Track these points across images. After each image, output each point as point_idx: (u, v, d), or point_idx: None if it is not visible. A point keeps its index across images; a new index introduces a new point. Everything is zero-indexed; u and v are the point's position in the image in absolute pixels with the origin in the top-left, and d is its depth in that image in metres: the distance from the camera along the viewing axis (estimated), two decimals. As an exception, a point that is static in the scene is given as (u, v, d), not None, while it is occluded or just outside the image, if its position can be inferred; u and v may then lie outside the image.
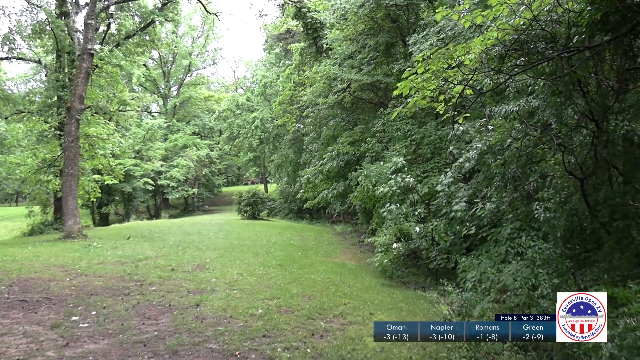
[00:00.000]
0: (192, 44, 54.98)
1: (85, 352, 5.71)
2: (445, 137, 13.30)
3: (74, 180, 16.93)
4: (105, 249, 13.87)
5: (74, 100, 17.24)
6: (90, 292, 8.70)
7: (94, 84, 20.46)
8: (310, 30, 25.44)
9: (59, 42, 21.23)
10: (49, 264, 11.22)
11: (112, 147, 24.08)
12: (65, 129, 17.61)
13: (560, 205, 6.57)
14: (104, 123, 23.18)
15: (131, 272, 10.64)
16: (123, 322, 6.96)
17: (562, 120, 6.44)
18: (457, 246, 10.98)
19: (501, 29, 5.66)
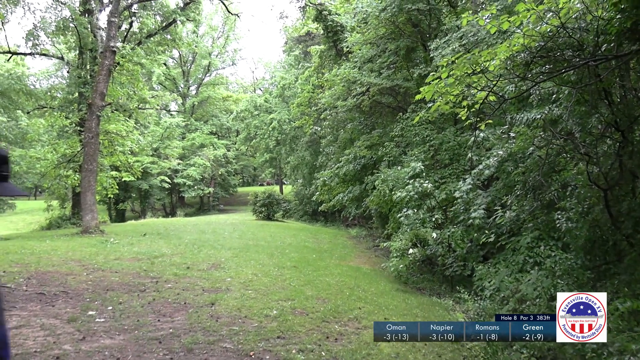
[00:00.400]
0: (212, 44, 55.33)
1: (102, 346, 5.74)
2: (465, 143, 13.21)
3: (93, 176, 17.08)
4: (121, 245, 13.97)
5: (95, 97, 17.41)
6: (106, 287, 8.76)
7: (115, 82, 20.65)
8: (330, 33, 25.44)
9: (82, 39, 21.50)
10: (67, 258, 11.32)
11: (131, 144, 24.27)
12: (86, 125, 17.78)
13: (583, 216, 6.48)
14: (124, 120, 23.38)
15: (147, 268, 10.70)
16: (139, 318, 6.99)
17: (587, 129, 6.36)
18: (474, 254, 10.87)
19: (527, 35, 5.59)
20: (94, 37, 20.54)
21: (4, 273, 9.27)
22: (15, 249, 12.06)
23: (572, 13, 5.48)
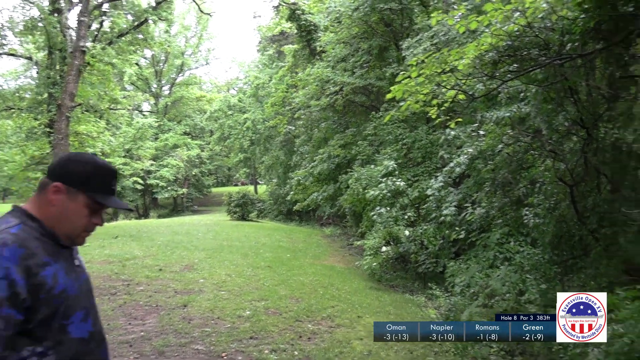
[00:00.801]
0: (185, 44, 54.82)
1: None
2: (436, 141, 13.34)
3: (63, 177, 16.79)
4: (92, 248, 13.75)
5: (65, 98, 17.13)
6: (76, 290, 8.61)
7: (85, 82, 20.31)
8: (304, 32, 25.44)
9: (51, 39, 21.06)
10: (35, 261, 11.09)
11: (102, 145, 23.92)
12: (55, 126, 17.48)
13: (550, 212, 6.61)
14: (95, 121, 23.02)
15: (118, 271, 10.56)
16: (109, 322, 6.90)
17: (553, 127, 6.49)
18: (446, 250, 11.01)
19: (495, 34, 5.68)
20: (63, 36, 20.16)
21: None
22: (-19, 253, 11.78)
23: (538, 13, 5.59)
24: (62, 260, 1.73)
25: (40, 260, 1.61)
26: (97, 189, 1.77)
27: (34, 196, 1.80)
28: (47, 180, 1.76)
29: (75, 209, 1.75)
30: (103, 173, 1.79)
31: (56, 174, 1.76)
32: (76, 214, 1.76)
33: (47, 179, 1.76)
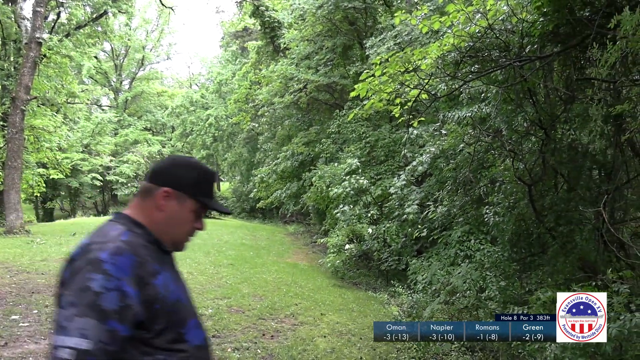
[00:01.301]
0: (146, 38, 53.78)
1: (25, 352, 5.48)
2: (399, 140, 13.48)
3: (17, 173, 16.29)
4: (49, 245, 13.40)
5: (19, 90, 16.57)
6: (31, 290, 8.37)
7: (42, 74, 19.65)
8: (267, 29, 25.29)
9: (5, 29, 20.35)
10: (-12, 259, 10.74)
11: (59, 140, 23.23)
12: (9, 120, 16.90)
13: (509, 210, 6.75)
14: (51, 115, 22.30)
15: (76, 269, 10.29)
16: (66, 321, 6.72)
17: (513, 127, 6.63)
18: (408, 248, 11.14)
19: (457, 35, 5.77)
20: (18, 27, 19.51)
21: None
22: None
23: (499, 15, 5.70)
24: (168, 268, 1.70)
25: (151, 268, 1.56)
26: (205, 194, 1.76)
27: (137, 202, 1.76)
28: (152, 185, 1.71)
29: (183, 214, 1.73)
30: (208, 177, 1.79)
31: (163, 179, 1.71)
32: (184, 219, 1.74)
33: (151, 184, 1.71)
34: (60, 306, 1.49)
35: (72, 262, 1.56)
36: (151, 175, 1.74)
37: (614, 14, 4.06)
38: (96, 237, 1.61)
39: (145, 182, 1.74)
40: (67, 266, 1.57)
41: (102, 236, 1.59)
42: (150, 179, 1.73)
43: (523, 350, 4.73)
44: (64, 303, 1.48)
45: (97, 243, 1.55)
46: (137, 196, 1.76)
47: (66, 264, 1.58)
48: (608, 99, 4.94)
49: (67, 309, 1.45)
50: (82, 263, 1.51)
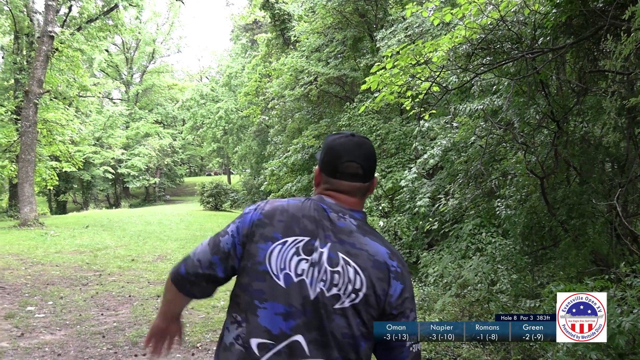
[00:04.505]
0: (157, 31, 53.91)
1: (41, 342, 5.57)
2: (410, 133, 13.42)
3: (31, 166, 16.45)
4: (62, 238, 13.54)
5: (32, 84, 16.72)
6: (46, 282, 8.49)
7: (54, 68, 19.79)
8: (277, 21, 25.23)
9: (17, 23, 20.52)
10: (4, 252, 10.88)
11: (72, 133, 23.40)
12: (23, 114, 17.07)
13: (521, 203, 6.73)
14: (64, 108, 22.48)
15: (90, 261, 10.42)
16: (81, 312, 6.82)
17: (525, 119, 6.59)
18: (419, 241, 11.12)
19: (469, 27, 5.73)
20: (30, 21, 19.65)
21: None
22: (-54, 244, 11.50)
23: (511, 6, 5.65)
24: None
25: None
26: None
27: (360, 197, 1.74)
28: None
29: None
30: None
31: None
32: None
33: None
34: (411, 310, 1.62)
35: (399, 272, 1.61)
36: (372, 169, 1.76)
37: (629, 4, 4.01)
38: (386, 242, 1.67)
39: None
40: (392, 275, 1.59)
41: (386, 241, 1.68)
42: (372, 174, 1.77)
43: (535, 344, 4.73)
44: (411, 309, 1.63)
45: (394, 251, 1.65)
46: (359, 192, 1.74)
47: (390, 273, 1.59)
48: (622, 91, 4.89)
49: (414, 312, 1.64)
50: (406, 272, 1.64)
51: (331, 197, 1.67)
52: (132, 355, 5.36)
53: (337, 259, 1.54)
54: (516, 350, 5.69)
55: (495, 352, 6.08)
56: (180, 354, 5.44)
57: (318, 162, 1.77)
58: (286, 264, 1.54)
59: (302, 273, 1.53)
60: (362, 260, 1.55)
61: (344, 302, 1.51)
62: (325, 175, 1.71)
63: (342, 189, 1.68)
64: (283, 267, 1.54)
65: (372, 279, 1.53)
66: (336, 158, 1.68)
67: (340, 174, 1.67)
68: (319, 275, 1.52)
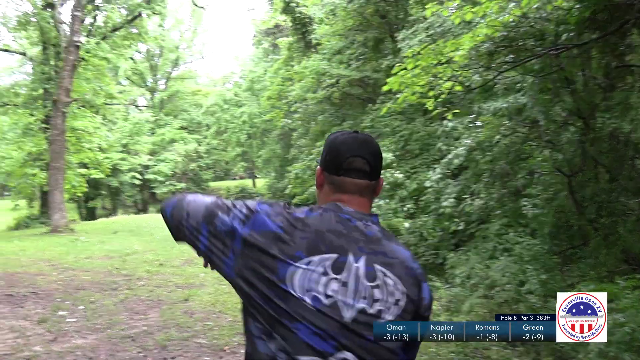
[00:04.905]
0: (180, 38, 54.53)
1: (73, 347, 5.67)
2: (434, 133, 13.33)
3: (60, 174, 16.80)
4: (92, 243, 13.78)
5: (60, 93, 17.09)
6: (77, 287, 8.65)
7: (81, 77, 20.19)
8: (298, 25, 25.30)
9: (45, 34, 20.96)
10: (36, 258, 11.13)
11: (99, 140, 23.84)
12: (52, 122, 17.46)
13: (548, 202, 6.63)
14: (91, 116, 22.91)
15: (119, 266, 10.59)
16: (111, 317, 6.92)
17: (550, 117, 6.50)
18: (446, 242, 11.01)
19: (490, 25, 5.68)
20: (57, 31, 20.06)
21: (-30, 276, 9.07)
22: (-19, 251, 11.81)
23: (533, 3, 5.58)
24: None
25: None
26: None
27: (370, 199, 1.60)
28: None
29: None
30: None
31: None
32: None
33: None
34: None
35: (423, 274, 1.54)
36: (378, 169, 1.61)
37: (655, -2, 3.93)
38: (404, 245, 1.58)
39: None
40: (420, 278, 1.53)
41: (403, 244, 1.58)
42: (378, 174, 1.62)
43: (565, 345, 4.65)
44: None
45: (412, 253, 1.56)
46: (366, 192, 1.59)
47: (418, 277, 1.52)
48: (650, 86, 4.80)
49: None
50: (424, 277, 1.55)
51: (346, 203, 1.52)
52: (161, 358, 5.42)
53: (374, 272, 1.42)
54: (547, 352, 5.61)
55: (526, 353, 5.99)
56: (208, 357, 5.50)
57: (320, 161, 1.64)
58: (312, 285, 1.37)
59: (333, 294, 1.37)
60: (397, 269, 1.46)
61: (386, 317, 1.42)
62: (329, 173, 1.57)
63: (348, 188, 1.54)
64: (309, 288, 1.37)
65: (407, 287, 1.46)
66: (340, 154, 1.55)
67: (345, 171, 1.53)
68: (357, 293, 1.39)
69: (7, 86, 27.20)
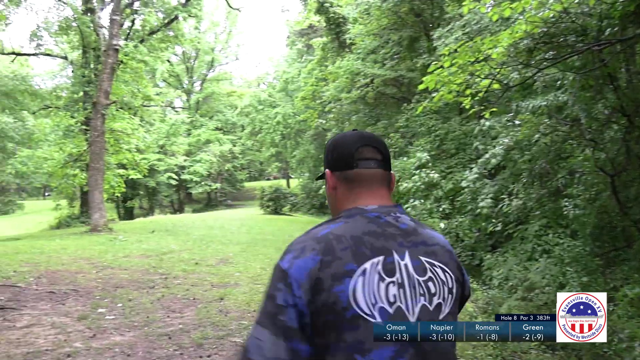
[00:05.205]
0: (215, 40, 55.27)
1: (112, 343, 5.77)
2: (470, 132, 13.14)
3: (100, 174, 17.17)
4: (130, 243, 14.03)
5: (100, 96, 17.46)
6: (116, 285, 8.81)
7: (119, 80, 20.61)
8: (332, 25, 25.31)
9: (85, 38, 21.50)
10: (76, 256, 11.39)
11: (137, 141, 24.28)
12: (91, 124, 17.86)
13: (590, 202, 6.45)
14: (129, 118, 23.36)
15: (156, 265, 10.74)
16: (148, 314, 7.02)
17: (593, 115, 6.31)
18: (482, 243, 10.85)
19: (530, 21, 5.54)
20: (96, 35, 20.53)
21: (15, 273, 9.33)
22: (25, 249, 12.15)
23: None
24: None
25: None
26: None
27: (388, 190, 1.49)
28: None
29: None
30: None
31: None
32: None
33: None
34: None
35: (458, 260, 1.46)
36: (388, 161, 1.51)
37: None
38: (434, 230, 1.49)
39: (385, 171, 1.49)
40: (458, 260, 1.45)
41: (432, 229, 1.49)
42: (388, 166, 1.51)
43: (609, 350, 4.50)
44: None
45: None
46: (382, 184, 1.48)
47: (457, 258, 1.45)
48: (699, 81, 4.60)
49: None
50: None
51: (366, 202, 1.42)
52: (197, 356, 5.47)
53: (422, 264, 1.33)
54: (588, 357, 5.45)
55: (566, 357, 5.84)
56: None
57: (326, 165, 1.52)
58: (376, 295, 1.25)
59: (395, 299, 1.27)
60: (440, 255, 1.37)
61: (444, 309, 1.33)
62: (340, 171, 1.46)
63: (366, 179, 1.44)
64: (374, 301, 1.25)
65: (453, 272, 1.38)
66: (349, 146, 1.46)
67: (358, 161, 1.43)
68: (414, 291, 1.29)
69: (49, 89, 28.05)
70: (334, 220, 1.39)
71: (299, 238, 1.35)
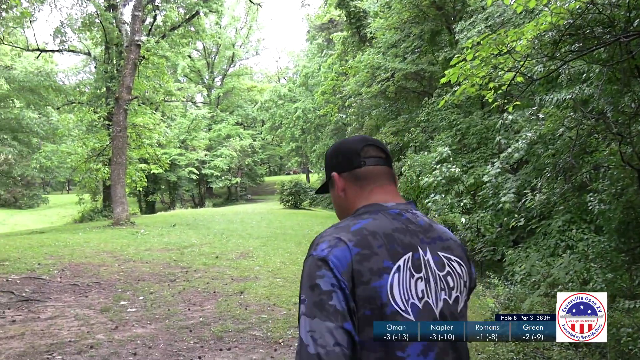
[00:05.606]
0: (236, 35, 55.42)
1: (134, 335, 5.84)
2: (492, 126, 12.99)
3: (122, 168, 17.37)
4: (151, 236, 14.19)
5: (122, 91, 17.65)
6: (137, 278, 8.91)
7: (141, 75, 20.84)
8: (353, 19, 25.20)
9: (107, 34, 21.78)
10: (99, 249, 11.55)
11: (158, 136, 24.53)
12: (114, 119, 18.07)
13: (616, 197, 6.32)
14: (151, 113, 23.61)
15: (177, 258, 10.84)
16: (169, 307, 7.10)
17: (619, 108, 6.18)
18: (504, 238, 10.72)
19: (555, 13, 5.43)
20: (119, 31, 20.79)
21: (39, 265, 9.50)
22: (49, 242, 12.36)
23: (602, -12, 5.31)
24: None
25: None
26: None
27: (395, 186, 1.53)
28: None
29: None
30: None
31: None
32: None
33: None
34: None
35: (461, 245, 1.48)
36: (390, 158, 1.55)
37: None
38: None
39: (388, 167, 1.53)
40: (468, 257, 1.47)
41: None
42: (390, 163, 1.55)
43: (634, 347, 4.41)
44: None
45: None
46: (390, 180, 1.51)
47: (467, 256, 1.47)
48: None
49: None
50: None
51: (382, 198, 1.44)
52: (217, 349, 5.51)
53: (441, 259, 1.36)
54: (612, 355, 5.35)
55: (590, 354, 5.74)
56: (262, 349, 5.54)
57: (332, 169, 1.54)
58: (408, 292, 1.28)
59: (423, 295, 1.30)
60: (455, 250, 1.41)
61: (461, 302, 1.38)
62: (348, 171, 1.48)
63: (376, 176, 1.47)
64: (407, 297, 1.27)
65: (466, 265, 1.43)
66: (354, 146, 1.49)
67: (366, 159, 1.47)
68: (437, 286, 1.33)
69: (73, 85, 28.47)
70: (360, 216, 1.39)
71: (328, 230, 1.35)
